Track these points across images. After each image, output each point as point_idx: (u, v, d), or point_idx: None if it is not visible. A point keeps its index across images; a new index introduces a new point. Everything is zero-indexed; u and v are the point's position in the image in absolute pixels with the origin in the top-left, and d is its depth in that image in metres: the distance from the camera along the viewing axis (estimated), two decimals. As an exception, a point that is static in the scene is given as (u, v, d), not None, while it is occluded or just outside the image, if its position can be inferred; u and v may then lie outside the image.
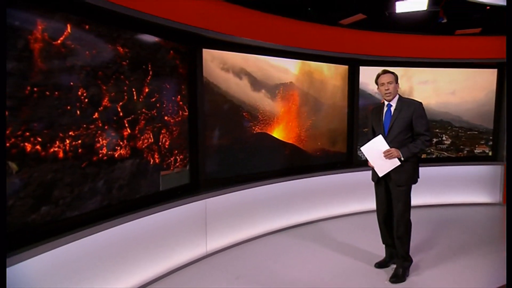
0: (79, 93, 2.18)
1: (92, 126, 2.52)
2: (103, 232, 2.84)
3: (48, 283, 2.43)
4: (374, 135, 3.56)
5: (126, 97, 2.83)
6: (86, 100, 2.41)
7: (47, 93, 2.16)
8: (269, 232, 4.63)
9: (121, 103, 2.74)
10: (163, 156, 3.31)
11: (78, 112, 2.26)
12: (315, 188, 5.12)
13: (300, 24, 4.82)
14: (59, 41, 2.17)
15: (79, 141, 2.32)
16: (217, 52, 4.09)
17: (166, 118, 3.40)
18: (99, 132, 2.62)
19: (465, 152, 6.11)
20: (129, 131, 2.72)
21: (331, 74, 5.35)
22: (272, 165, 4.74)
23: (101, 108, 2.51)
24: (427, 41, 5.68)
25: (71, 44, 2.48)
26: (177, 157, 2.50)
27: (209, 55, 4.01)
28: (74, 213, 2.43)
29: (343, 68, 5.49)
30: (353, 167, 5.55)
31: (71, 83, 2.42)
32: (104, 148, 2.64)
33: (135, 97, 2.93)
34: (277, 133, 4.76)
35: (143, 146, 2.92)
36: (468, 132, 6.09)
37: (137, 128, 2.94)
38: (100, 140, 2.32)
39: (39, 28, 2.19)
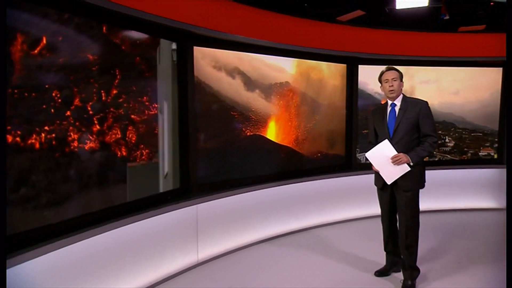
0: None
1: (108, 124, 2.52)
2: (85, 241, 2.83)
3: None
4: (376, 138, 3.56)
5: (95, 97, 2.79)
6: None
7: (26, 94, 2.19)
8: (263, 240, 4.65)
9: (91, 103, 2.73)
10: (129, 150, 3.23)
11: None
12: (311, 193, 5.15)
13: (296, 21, 4.86)
14: (36, 51, 2.20)
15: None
16: (209, 50, 4.12)
17: (132, 116, 3.29)
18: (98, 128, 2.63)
19: (469, 154, 6.17)
20: (98, 127, 2.77)
21: (329, 73, 5.41)
22: (267, 169, 4.77)
23: (92, 103, 2.53)
24: (429, 38, 5.74)
25: (53, 42, 2.48)
26: (143, 151, 2.54)
27: (200, 53, 4.04)
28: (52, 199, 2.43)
29: (342, 67, 5.54)
30: (351, 170, 5.60)
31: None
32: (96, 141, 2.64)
33: (103, 97, 2.84)
34: (272, 135, 4.80)
35: (112, 140, 2.92)
36: (472, 134, 6.15)
37: (105, 125, 2.90)
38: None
39: (19, 40, 2.22)
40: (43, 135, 2.14)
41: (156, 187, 3.34)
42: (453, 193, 6.04)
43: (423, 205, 3.49)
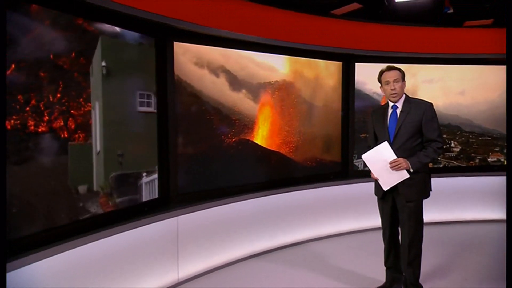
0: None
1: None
2: (48, 259, 2.79)
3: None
4: (376, 142, 3.57)
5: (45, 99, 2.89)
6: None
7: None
8: (251, 255, 4.66)
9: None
10: (70, 133, 3.22)
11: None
12: (304, 203, 5.18)
13: (286, 14, 4.92)
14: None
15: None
16: (191, 46, 4.15)
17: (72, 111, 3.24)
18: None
19: (477, 161, 6.23)
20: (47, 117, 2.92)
21: (324, 72, 5.46)
22: (255, 177, 4.79)
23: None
24: (432, 34, 5.83)
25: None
26: (80, 135, 2.88)
27: (181, 49, 4.07)
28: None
29: (337, 65, 5.60)
30: (348, 178, 5.64)
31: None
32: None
33: (50, 99, 2.92)
34: (261, 140, 4.83)
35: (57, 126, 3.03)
36: (480, 138, 6.23)
37: (53, 117, 2.97)
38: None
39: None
40: (12, 122, 2.47)
41: (89, 159, 3.41)
42: (460, 203, 6.09)
43: (427, 216, 3.53)
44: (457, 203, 6.06)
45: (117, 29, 3.09)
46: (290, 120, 5.11)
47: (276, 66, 4.94)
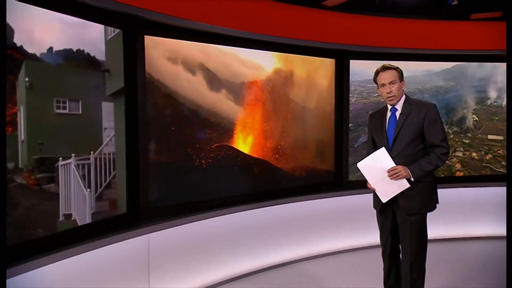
0: None
1: None
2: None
3: None
4: (374, 149, 3.57)
5: None
6: None
7: None
8: (233, 278, 4.63)
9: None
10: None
11: None
12: (293, 218, 5.16)
13: (273, 6, 4.93)
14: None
15: None
16: (165, 41, 4.13)
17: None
18: None
19: (488, 170, 6.25)
20: None
21: (316, 70, 5.47)
22: (237, 188, 4.77)
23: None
24: (435, 28, 5.86)
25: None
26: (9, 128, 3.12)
27: (153, 42, 4.04)
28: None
29: (331, 62, 5.61)
30: (343, 189, 5.64)
31: None
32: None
33: None
34: (244, 146, 4.81)
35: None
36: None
37: None
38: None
39: None
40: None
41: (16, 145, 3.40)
42: (470, 217, 6.09)
43: (432, 231, 3.52)
44: (466, 216, 6.07)
45: (38, 54, 3.23)
46: (278, 124, 5.10)
47: (262, 64, 4.94)
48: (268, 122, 5.01)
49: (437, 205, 3.52)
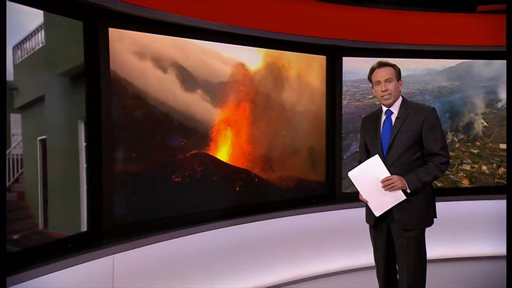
0: None
1: None
2: None
3: None
4: (367, 156, 3.59)
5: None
6: None
7: None
8: (210, 304, 4.59)
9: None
10: None
11: None
12: (280, 235, 5.14)
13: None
14: None
15: None
16: (132, 33, 4.09)
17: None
18: None
19: (497, 180, 6.26)
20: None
21: (306, 69, 5.45)
22: (215, 202, 4.73)
23: None
24: (438, 21, 5.86)
25: None
26: None
27: (118, 35, 3.99)
28: None
29: (321, 60, 5.59)
30: (336, 203, 5.62)
31: None
32: None
33: None
34: (223, 154, 4.78)
35: None
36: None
37: None
38: None
39: None
40: None
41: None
42: (476, 234, 6.06)
43: (434, 250, 3.49)
44: (471, 234, 6.05)
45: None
46: (263, 129, 5.08)
47: (244, 61, 4.91)
48: (251, 127, 4.99)
49: (435, 219, 3.52)
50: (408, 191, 3.32)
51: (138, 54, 4.11)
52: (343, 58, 5.66)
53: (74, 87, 3.75)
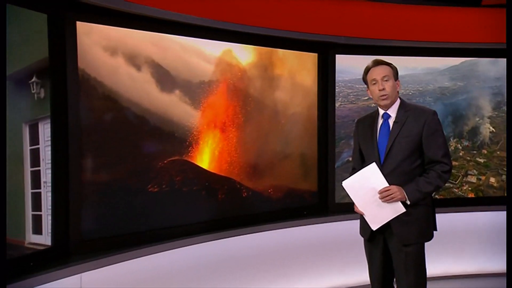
0: None
1: None
2: None
3: None
4: (362, 163, 3.61)
5: None
6: None
7: None
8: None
9: None
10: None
11: None
12: (268, 250, 5.12)
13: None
14: None
15: None
16: (103, 28, 4.05)
17: None
18: None
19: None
20: None
21: (296, 68, 5.44)
22: (196, 214, 4.70)
23: None
24: (440, 16, 5.87)
25: None
26: None
27: (86, 29, 3.94)
28: None
29: (313, 58, 5.58)
30: (329, 214, 5.60)
31: None
32: None
33: None
34: (205, 161, 4.76)
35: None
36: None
37: None
38: None
39: None
40: None
41: None
42: (481, 248, 6.06)
43: (433, 266, 3.46)
44: (476, 248, 6.05)
45: None
46: (248, 133, 5.07)
47: (228, 59, 4.90)
48: (236, 131, 4.97)
49: (435, 232, 3.53)
50: (408, 202, 3.31)
51: (108, 50, 4.08)
52: (336, 55, 5.64)
53: (18, 88, 3.60)
